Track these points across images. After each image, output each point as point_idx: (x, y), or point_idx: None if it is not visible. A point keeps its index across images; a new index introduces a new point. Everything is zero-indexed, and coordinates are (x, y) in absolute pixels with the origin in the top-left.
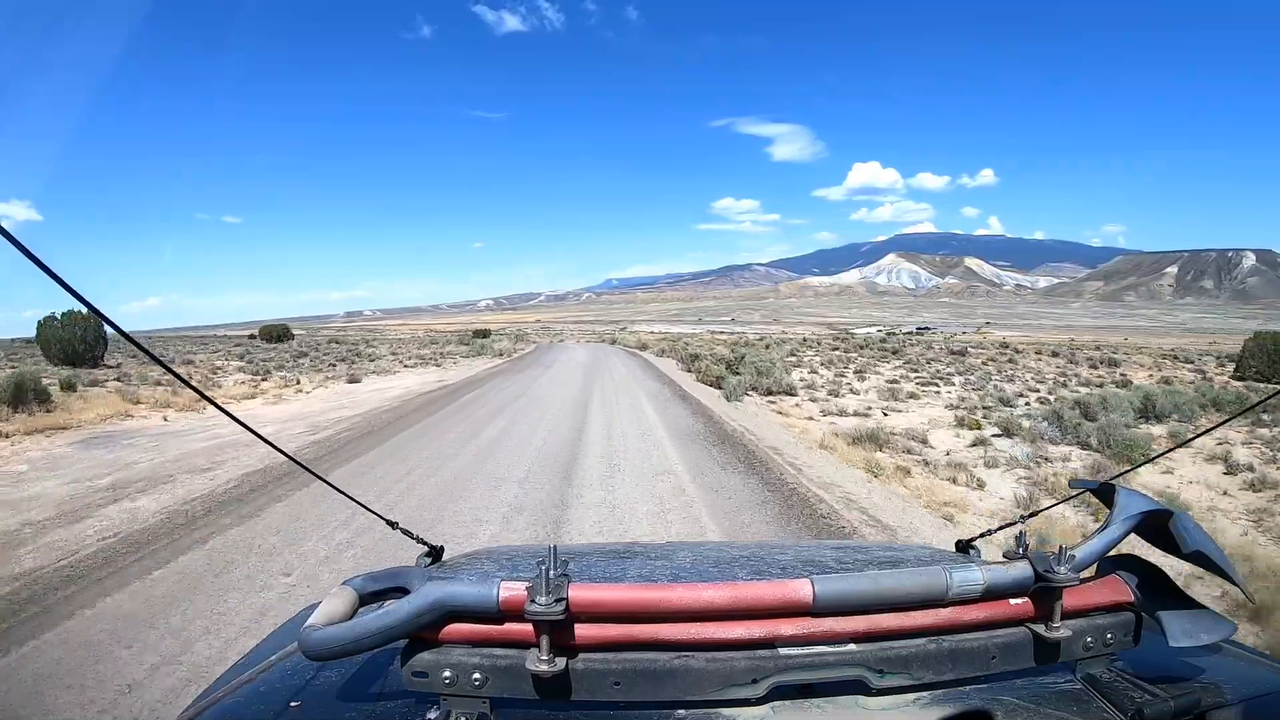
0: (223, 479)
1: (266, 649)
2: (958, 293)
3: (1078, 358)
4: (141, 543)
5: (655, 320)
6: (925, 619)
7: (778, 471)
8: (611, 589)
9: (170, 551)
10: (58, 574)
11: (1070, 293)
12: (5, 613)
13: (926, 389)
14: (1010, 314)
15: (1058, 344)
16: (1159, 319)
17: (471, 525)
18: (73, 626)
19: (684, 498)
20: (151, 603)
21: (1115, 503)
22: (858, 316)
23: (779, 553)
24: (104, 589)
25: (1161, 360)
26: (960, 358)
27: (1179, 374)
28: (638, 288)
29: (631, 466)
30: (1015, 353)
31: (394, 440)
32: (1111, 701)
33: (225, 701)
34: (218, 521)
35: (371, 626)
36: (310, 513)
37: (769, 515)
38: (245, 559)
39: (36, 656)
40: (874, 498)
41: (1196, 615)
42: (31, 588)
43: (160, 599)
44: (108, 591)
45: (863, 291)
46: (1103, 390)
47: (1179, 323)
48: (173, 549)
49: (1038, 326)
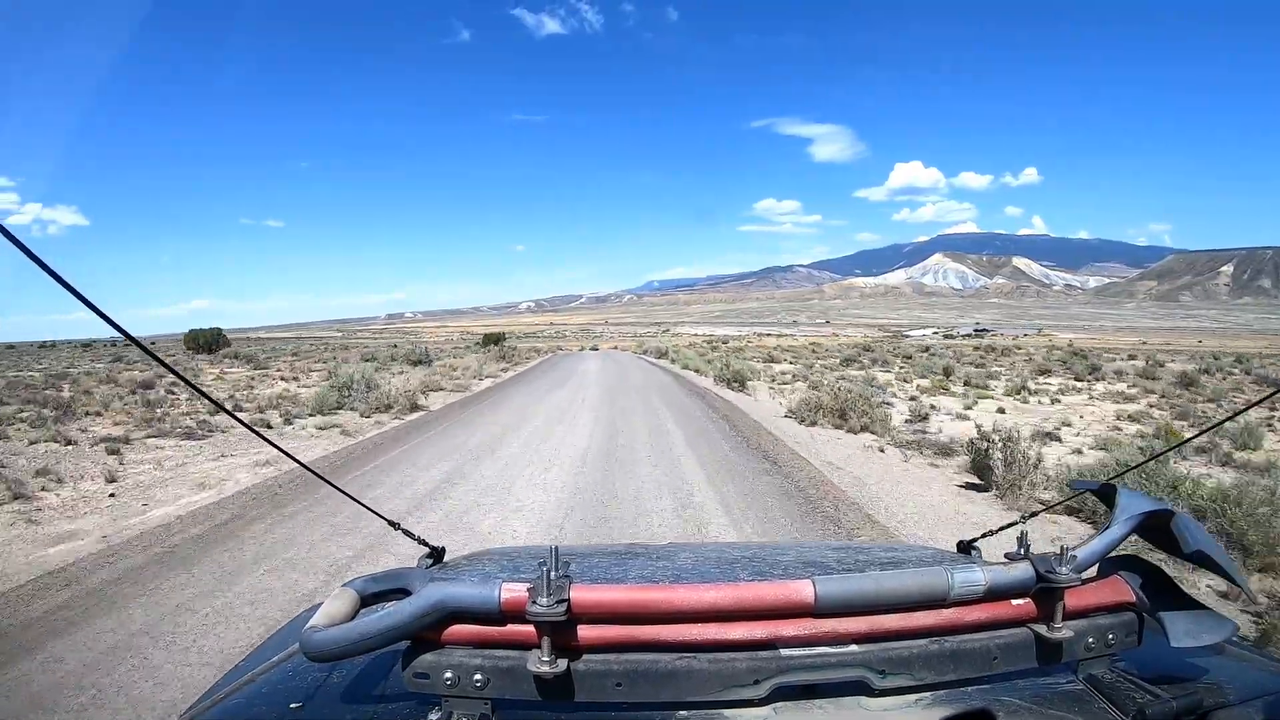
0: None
1: (268, 650)
2: (1007, 293)
3: (1205, 367)
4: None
5: (699, 322)
6: (927, 620)
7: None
8: (613, 590)
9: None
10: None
11: (1123, 293)
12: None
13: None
14: (1065, 315)
15: (1130, 347)
16: (1220, 320)
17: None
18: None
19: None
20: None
21: (1116, 503)
22: (907, 318)
23: (780, 553)
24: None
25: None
26: (1085, 366)
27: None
28: (679, 289)
29: None
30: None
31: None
32: (1113, 702)
33: (226, 702)
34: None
35: (373, 628)
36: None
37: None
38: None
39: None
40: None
41: (1198, 615)
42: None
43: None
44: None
45: (909, 292)
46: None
47: (1244, 324)
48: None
49: (1098, 328)
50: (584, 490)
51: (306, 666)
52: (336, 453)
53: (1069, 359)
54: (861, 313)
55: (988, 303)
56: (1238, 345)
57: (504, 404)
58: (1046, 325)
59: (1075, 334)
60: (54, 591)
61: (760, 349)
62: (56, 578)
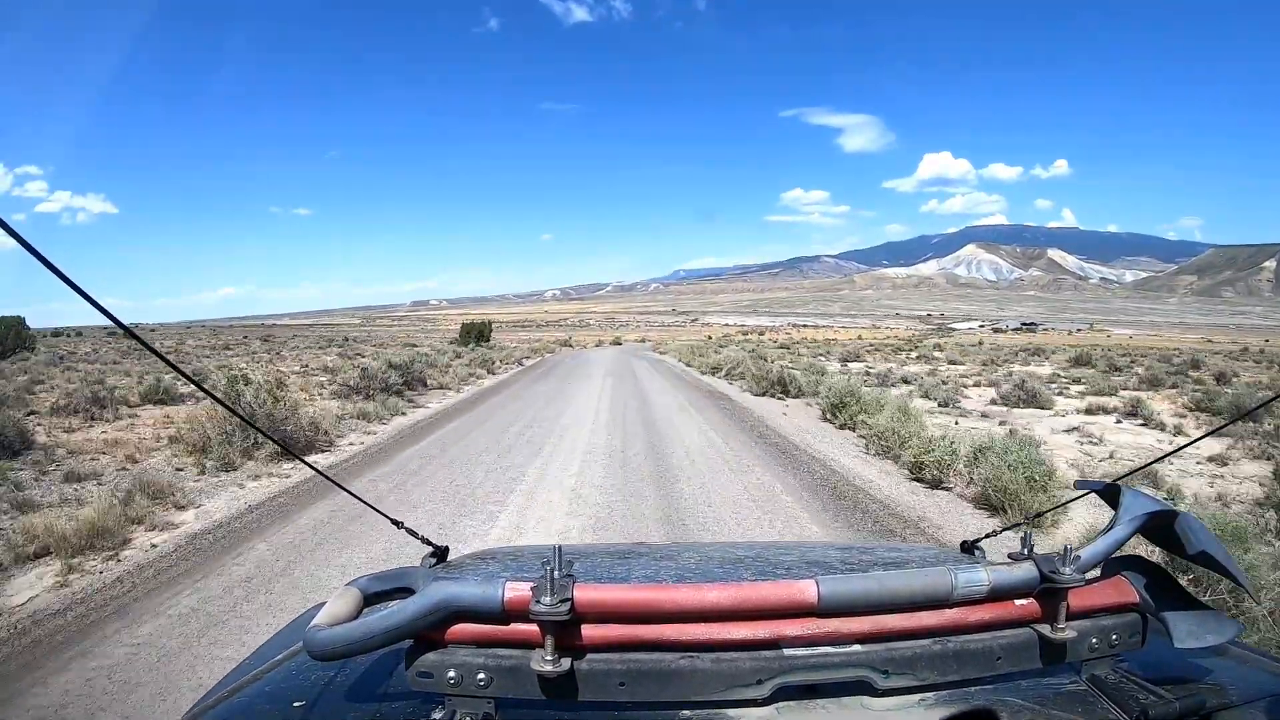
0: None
1: (272, 649)
2: (1043, 286)
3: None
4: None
5: (727, 311)
6: (930, 620)
7: None
8: (616, 589)
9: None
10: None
11: (1162, 287)
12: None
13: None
14: (1108, 310)
15: (1199, 346)
16: (1268, 316)
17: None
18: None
19: None
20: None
21: (1121, 504)
22: (944, 309)
23: (784, 553)
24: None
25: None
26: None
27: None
28: (706, 279)
29: None
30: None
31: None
32: (1117, 703)
33: (230, 701)
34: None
35: (376, 627)
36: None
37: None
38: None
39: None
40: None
41: (1202, 616)
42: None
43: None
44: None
45: (943, 283)
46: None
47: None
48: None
49: (1148, 324)
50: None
51: (310, 665)
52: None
53: (1167, 363)
54: (895, 304)
55: (1025, 295)
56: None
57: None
58: (1090, 319)
59: (1129, 330)
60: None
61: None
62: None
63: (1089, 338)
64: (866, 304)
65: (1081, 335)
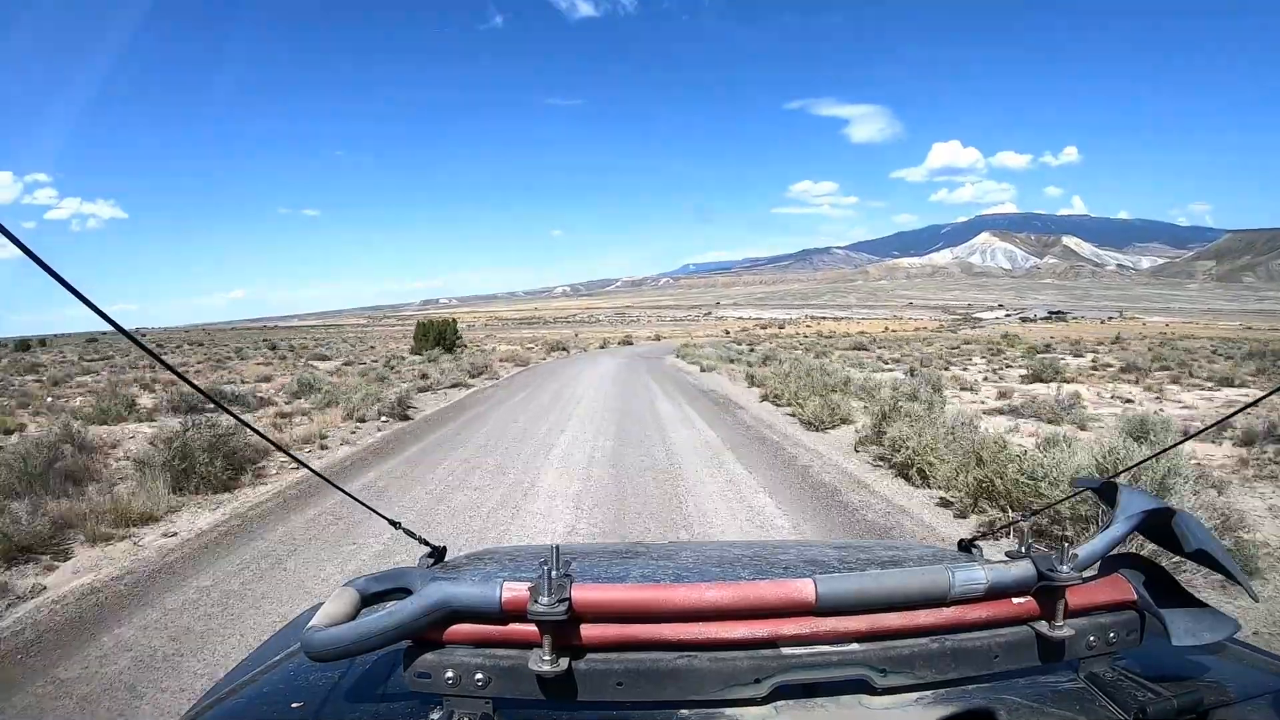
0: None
1: (269, 650)
2: (1060, 273)
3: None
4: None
5: (740, 304)
6: (928, 618)
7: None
8: (614, 589)
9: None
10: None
11: (1180, 273)
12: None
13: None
14: (1129, 297)
15: (1238, 335)
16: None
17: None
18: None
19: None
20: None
21: (1118, 502)
22: (963, 299)
23: (781, 552)
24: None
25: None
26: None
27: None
28: (715, 272)
29: None
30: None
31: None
32: (1115, 700)
33: (228, 702)
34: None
35: (374, 627)
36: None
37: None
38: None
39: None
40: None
41: (1199, 614)
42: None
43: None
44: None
45: (958, 272)
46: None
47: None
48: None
49: (1178, 311)
50: None
51: (308, 666)
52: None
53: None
54: (911, 294)
55: (1042, 283)
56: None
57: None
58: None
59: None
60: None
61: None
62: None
63: (1122, 326)
64: (882, 294)
65: (1115, 324)
